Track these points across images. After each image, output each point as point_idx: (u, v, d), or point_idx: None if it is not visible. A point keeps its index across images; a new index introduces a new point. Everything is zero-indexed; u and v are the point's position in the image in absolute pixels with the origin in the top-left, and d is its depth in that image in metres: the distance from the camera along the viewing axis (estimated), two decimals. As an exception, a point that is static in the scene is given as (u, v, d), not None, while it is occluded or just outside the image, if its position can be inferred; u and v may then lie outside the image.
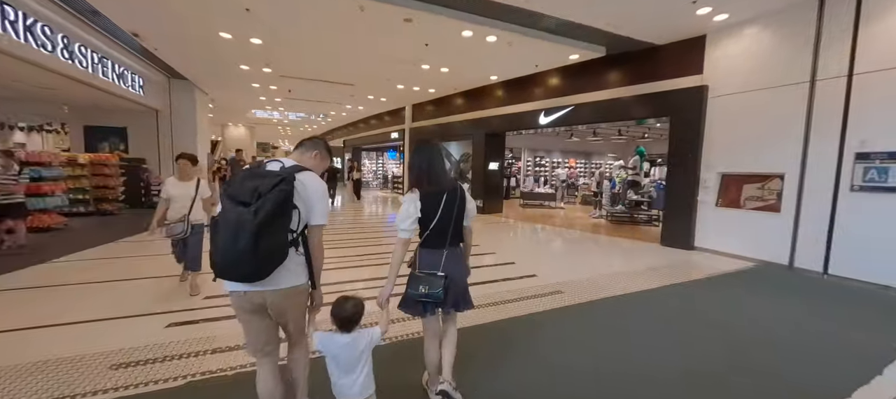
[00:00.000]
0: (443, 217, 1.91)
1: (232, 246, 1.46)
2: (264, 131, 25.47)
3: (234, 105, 12.81)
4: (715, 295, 4.23)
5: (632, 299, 3.98)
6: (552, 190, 13.50)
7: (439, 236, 1.95)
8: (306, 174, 1.70)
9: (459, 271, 2.04)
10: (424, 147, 2.01)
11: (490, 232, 8.16)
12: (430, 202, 1.90)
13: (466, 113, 11.46)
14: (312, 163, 1.86)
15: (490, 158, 10.77)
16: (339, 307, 1.74)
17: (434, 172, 1.95)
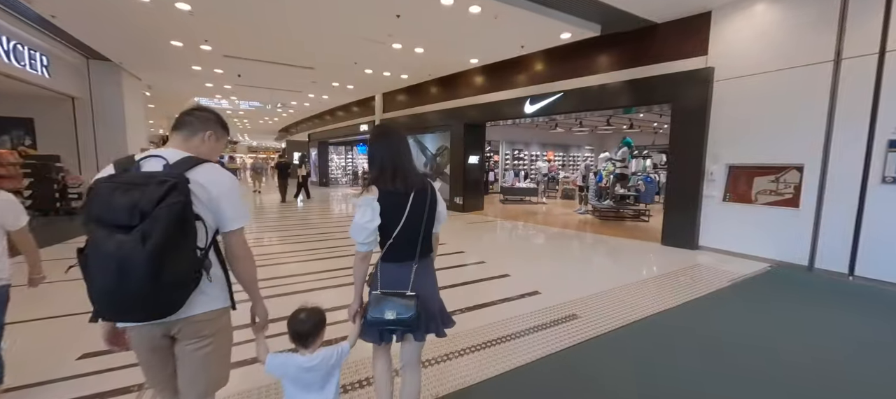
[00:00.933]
0: (410, 223, 1.56)
1: (118, 287, 1.10)
2: (219, 125, 23.16)
3: (175, 92, 11.10)
4: (749, 310, 3.56)
5: (663, 323, 3.22)
6: (534, 184, 12.84)
7: (406, 246, 1.59)
8: (202, 169, 1.28)
9: (432, 288, 1.71)
10: (387, 134, 1.64)
11: (475, 234, 7.28)
12: (392, 205, 1.54)
13: (443, 102, 10.48)
14: (205, 148, 1.40)
15: (469, 151, 9.88)
16: (295, 321, 1.49)
17: (400, 167, 1.58)
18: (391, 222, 1.54)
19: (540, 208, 11.29)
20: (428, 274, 1.69)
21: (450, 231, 7.48)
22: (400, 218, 1.54)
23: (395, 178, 1.56)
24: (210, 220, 1.28)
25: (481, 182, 10.38)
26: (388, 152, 1.58)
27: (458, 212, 9.88)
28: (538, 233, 7.46)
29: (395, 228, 1.55)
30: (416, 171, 1.67)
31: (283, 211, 10.29)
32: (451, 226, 8.07)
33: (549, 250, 6.08)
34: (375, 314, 1.54)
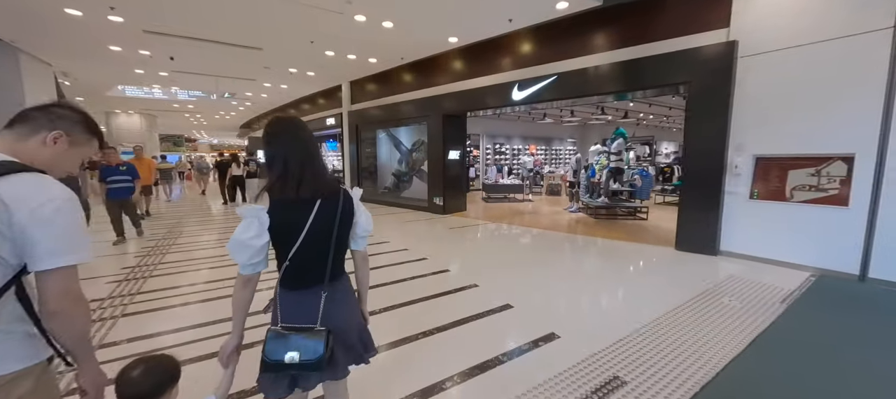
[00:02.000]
0: (314, 239, 1.24)
1: None
2: (170, 121, 20.93)
3: (98, 81, 9.30)
4: (852, 344, 2.67)
5: (751, 379, 2.25)
6: (518, 180, 11.90)
7: (311, 268, 1.28)
8: (14, 180, 0.91)
9: (348, 316, 1.38)
10: (292, 127, 1.29)
11: (459, 243, 6.20)
12: (290, 217, 1.22)
13: (419, 90, 9.29)
14: (47, 153, 1.03)
15: (449, 145, 8.76)
16: (125, 381, 1.09)
17: (308, 168, 1.24)
18: (288, 238, 1.24)
19: (526, 207, 10.35)
20: (343, 300, 1.39)
21: (431, 239, 6.35)
22: (299, 232, 1.23)
23: (302, 183, 1.23)
24: (11, 253, 0.90)
25: (463, 180, 9.31)
26: (295, 150, 1.25)
27: (439, 215, 8.77)
28: (530, 238, 6.47)
29: (292, 245, 1.23)
30: (328, 172, 1.34)
31: (211, 215, 8.81)
32: (432, 232, 6.95)
33: (550, 263, 5.08)
34: (273, 356, 1.20)
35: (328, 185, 1.30)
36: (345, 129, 11.84)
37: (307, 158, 1.24)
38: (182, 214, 9.12)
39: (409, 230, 7.23)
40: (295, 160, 1.23)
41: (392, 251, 5.42)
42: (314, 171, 1.25)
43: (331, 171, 1.50)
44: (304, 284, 1.30)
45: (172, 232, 6.88)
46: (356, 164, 11.68)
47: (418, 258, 4.98)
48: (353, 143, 11.63)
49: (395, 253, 5.32)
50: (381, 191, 11.74)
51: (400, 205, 10.13)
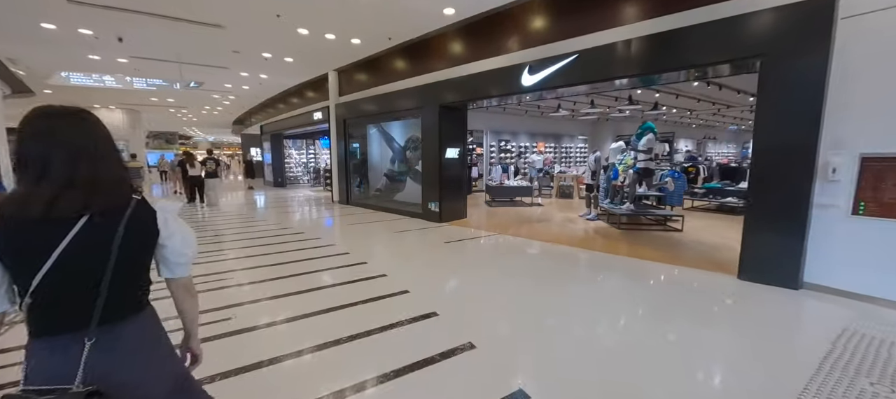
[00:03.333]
0: (67, 268, 0.95)
1: None
2: (158, 116, 19.84)
3: (45, 66, 8.13)
4: None
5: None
6: (526, 182, 10.60)
7: (67, 307, 0.99)
8: None
9: (141, 370, 1.06)
10: (45, 116, 0.98)
11: (454, 267, 4.94)
12: (25, 240, 0.93)
13: (412, 78, 8.04)
14: None
15: (447, 142, 7.49)
16: None
17: (78, 174, 0.96)
18: (26, 268, 0.93)
19: (535, 213, 9.06)
20: (135, 348, 1.05)
21: (419, 260, 5.10)
22: (43, 260, 0.92)
23: (59, 197, 0.93)
24: None
25: (463, 182, 8.05)
26: (54, 148, 0.95)
27: (434, 223, 7.51)
28: (543, 257, 5.20)
29: (32, 277, 0.93)
30: (117, 180, 1.03)
31: (198, 226, 7.64)
32: (422, 249, 5.69)
33: (573, 302, 3.80)
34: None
35: (108, 197, 1.00)
36: (332, 125, 10.61)
37: (69, 160, 0.95)
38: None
39: (396, 245, 5.98)
40: (57, 163, 0.94)
41: (366, 278, 4.18)
42: (86, 178, 0.96)
43: (124, 179, 1.02)
44: (59, 329, 0.98)
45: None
46: (344, 163, 10.45)
47: (398, 291, 3.74)
48: (341, 140, 10.40)
49: (369, 281, 4.08)
50: (373, 193, 10.51)
51: (392, 210, 8.89)
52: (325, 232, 6.92)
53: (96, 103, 16.02)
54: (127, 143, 17.29)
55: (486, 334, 2.85)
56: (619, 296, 3.84)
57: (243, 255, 5.19)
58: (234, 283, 4.03)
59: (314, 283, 4.07)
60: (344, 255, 5.15)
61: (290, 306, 3.43)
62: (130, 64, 8.67)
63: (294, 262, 4.82)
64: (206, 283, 3.98)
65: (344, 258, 4.99)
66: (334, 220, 8.32)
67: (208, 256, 5.04)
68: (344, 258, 4.99)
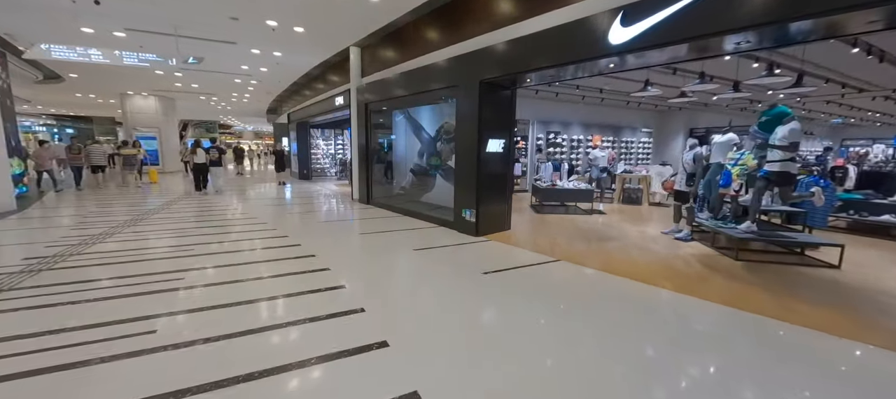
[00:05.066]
0: None
1: None
2: (192, 105, 19.65)
3: (41, 38, 7.25)
4: None
5: None
6: (585, 182, 8.50)
7: None
8: None
9: None
10: None
11: (511, 328, 3.16)
12: None
13: (445, 48, 6.28)
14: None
15: (488, 132, 5.67)
16: None
17: None
18: None
19: (597, 223, 7.02)
20: None
21: (454, 313, 3.33)
22: None
23: None
24: None
25: (507, 185, 6.20)
26: None
27: (469, 238, 5.76)
28: (656, 318, 3.26)
29: None
30: None
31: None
32: (452, 285, 3.93)
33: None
34: None
35: None
36: (353, 110, 9.13)
37: None
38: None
39: (411, 276, 4.29)
40: None
41: (358, 350, 2.52)
42: None
43: None
44: None
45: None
46: (366, 156, 8.95)
47: (402, 394, 2.05)
48: (363, 129, 8.90)
49: (356, 358, 2.42)
50: (397, 192, 8.94)
51: (418, 214, 7.24)
52: (329, 243, 5.40)
53: (130, 90, 15.85)
54: (158, 131, 17.13)
55: None
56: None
57: (198, 282, 3.75)
58: (161, 342, 2.54)
59: (278, 346, 2.50)
60: (335, 290, 3.56)
61: None
62: (130, 38, 7.65)
63: (256, 301, 3.28)
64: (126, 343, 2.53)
65: (336, 299, 3.39)
66: (346, 225, 6.81)
67: (146, 279, 3.66)
68: (336, 299, 3.39)
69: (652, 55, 3.94)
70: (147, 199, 9.35)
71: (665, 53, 3.88)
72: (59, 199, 9.15)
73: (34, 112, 24.69)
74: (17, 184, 8.97)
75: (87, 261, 4.34)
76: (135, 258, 4.45)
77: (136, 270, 4.00)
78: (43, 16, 6.48)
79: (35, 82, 12.64)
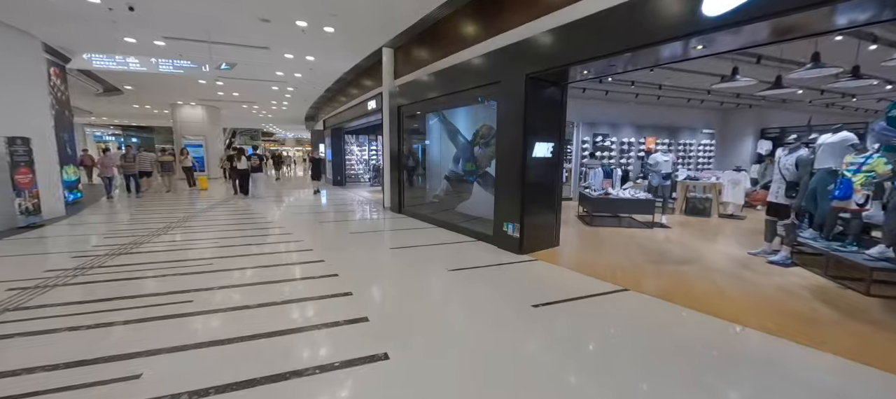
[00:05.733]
0: None
1: None
2: (236, 114, 20.46)
3: (84, 49, 7.47)
4: None
5: None
6: (643, 191, 7.43)
7: None
8: None
9: None
10: None
11: (576, 393, 2.40)
12: None
13: (485, 41, 5.62)
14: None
15: (535, 134, 4.90)
16: None
17: None
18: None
19: (660, 239, 5.99)
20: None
21: (496, 359, 2.63)
22: None
23: None
24: None
25: (556, 194, 5.38)
26: None
27: (511, 255, 5.02)
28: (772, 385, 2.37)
29: None
30: None
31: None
32: (494, 320, 3.20)
33: None
34: None
35: None
36: (385, 113, 8.70)
37: None
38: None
39: (445, 306, 3.62)
40: None
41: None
42: None
43: None
44: None
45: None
46: (398, 162, 8.46)
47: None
48: (395, 133, 8.43)
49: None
50: (430, 199, 8.36)
51: (453, 226, 6.60)
52: (354, 261, 4.88)
53: (179, 100, 16.66)
54: (205, 138, 17.88)
55: None
56: None
57: (205, 306, 3.31)
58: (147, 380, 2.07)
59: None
60: (356, 324, 2.97)
61: None
62: (170, 47, 7.72)
63: (257, 337, 2.76)
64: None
65: (356, 339, 2.80)
66: (375, 239, 6.30)
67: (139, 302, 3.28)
68: (356, 339, 2.80)
69: (758, 30, 3.01)
70: (184, 205, 9.47)
71: (778, 26, 2.94)
72: (108, 205, 9.48)
73: (103, 123, 27.01)
74: (71, 190, 9.45)
75: (98, 276, 4.10)
76: (142, 274, 4.16)
77: (144, 289, 3.67)
78: (89, 27, 6.61)
79: (96, 95, 13.51)
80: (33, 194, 6.66)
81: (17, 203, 6.39)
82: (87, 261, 4.58)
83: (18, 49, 6.80)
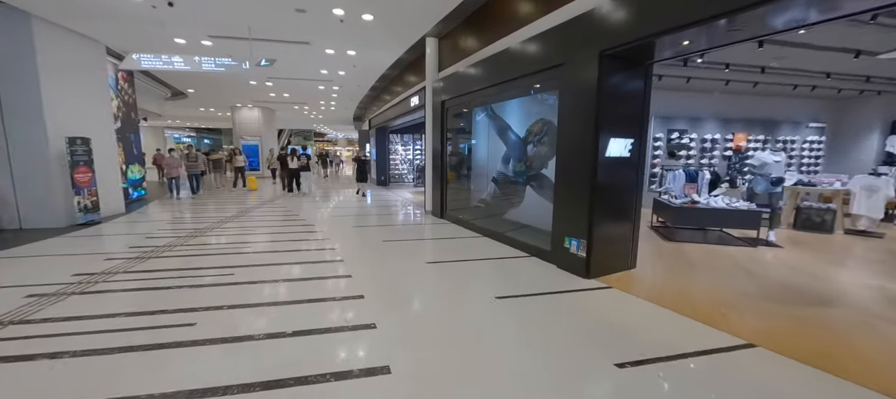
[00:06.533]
0: None
1: None
2: (288, 115, 21.21)
3: (123, 45, 7.66)
4: None
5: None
6: (741, 198, 5.95)
7: None
8: None
9: None
10: None
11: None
12: None
13: (544, 16, 4.67)
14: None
15: (609, 127, 3.86)
16: None
17: None
18: None
19: (771, 262, 4.60)
20: None
21: None
22: None
23: None
24: None
25: (633, 203, 4.28)
26: None
27: (576, 279, 4.04)
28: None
29: None
30: None
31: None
32: (563, 390, 2.32)
33: None
34: None
35: None
36: (428, 109, 8.03)
37: None
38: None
39: (493, 355, 2.75)
40: None
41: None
42: None
43: None
44: None
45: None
46: (441, 162, 7.74)
47: None
48: (438, 130, 7.72)
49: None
50: (476, 204, 7.53)
51: (501, 236, 5.72)
52: (385, 279, 4.22)
53: (237, 102, 17.49)
54: (260, 139, 18.65)
55: None
56: None
57: (200, 336, 2.79)
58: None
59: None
60: (376, 377, 2.24)
61: None
62: (217, 46, 7.71)
63: (252, 391, 2.13)
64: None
65: (377, 392, 2.07)
66: (412, 249, 5.61)
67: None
68: (377, 392, 2.07)
69: None
70: (233, 204, 9.58)
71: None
72: (168, 203, 9.88)
73: (178, 126, 29.73)
74: (135, 188, 10.00)
75: (119, 285, 3.82)
76: (153, 285, 3.81)
77: (148, 305, 3.28)
78: (142, 30, 6.71)
79: (165, 99, 14.51)
80: (92, 192, 6.90)
81: (77, 201, 6.63)
82: (118, 264, 4.40)
83: (85, 54, 7.11)
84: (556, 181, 4.45)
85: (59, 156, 6.50)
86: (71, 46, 6.76)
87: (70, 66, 6.72)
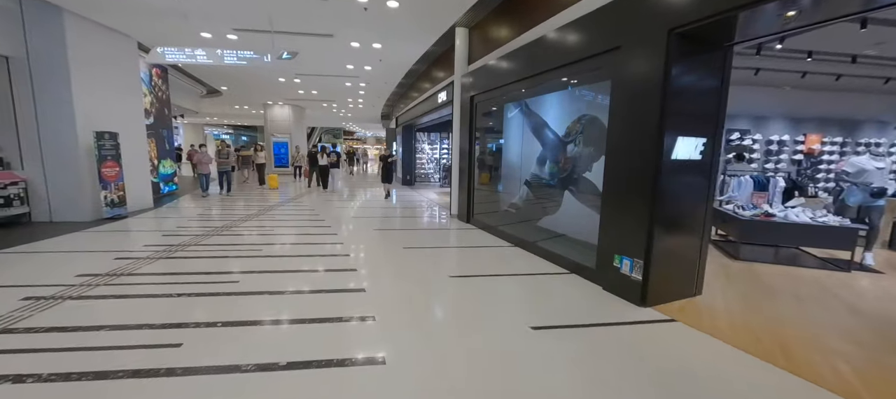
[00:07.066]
0: None
1: None
2: (317, 113, 21.36)
3: (148, 39, 7.63)
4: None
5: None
6: (827, 211, 4.95)
7: None
8: None
9: None
10: None
11: None
12: None
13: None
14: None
15: (678, 123, 3.14)
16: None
17: None
18: None
19: (867, 291, 3.68)
20: None
21: None
22: None
23: None
24: None
25: (705, 217, 3.52)
26: None
27: (629, 306, 3.36)
28: None
29: None
30: None
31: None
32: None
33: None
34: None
35: None
36: (455, 105, 7.49)
37: None
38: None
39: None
40: None
41: None
42: None
43: None
44: None
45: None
46: (468, 162, 7.17)
47: None
48: (467, 127, 7.16)
49: None
50: (506, 209, 6.90)
51: (534, 247, 5.08)
52: (401, 297, 3.72)
53: (269, 100, 17.73)
54: (289, 136, 18.85)
55: None
56: None
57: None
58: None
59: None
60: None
61: None
62: (242, 40, 7.56)
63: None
64: None
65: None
66: (434, 260, 5.08)
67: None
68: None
69: None
70: (257, 203, 9.48)
71: None
72: (197, 200, 9.95)
73: (216, 123, 30.96)
74: (167, 182, 10.16)
75: (126, 286, 3.54)
76: (147, 293, 3.49)
77: (144, 317, 2.94)
78: (168, 24, 6.63)
79: (200, 96, 14.87)
80: (119, 187, 6.91)
81: (104, 195, 6.64)
82: (125, 264, 4.19)
83: (116, 48, 7.15)
84: (605, 187, 3.76)
85: (88, 150, 6.53)
86: (101, 40, 6.79)
87: (100, 61, 6.75)
